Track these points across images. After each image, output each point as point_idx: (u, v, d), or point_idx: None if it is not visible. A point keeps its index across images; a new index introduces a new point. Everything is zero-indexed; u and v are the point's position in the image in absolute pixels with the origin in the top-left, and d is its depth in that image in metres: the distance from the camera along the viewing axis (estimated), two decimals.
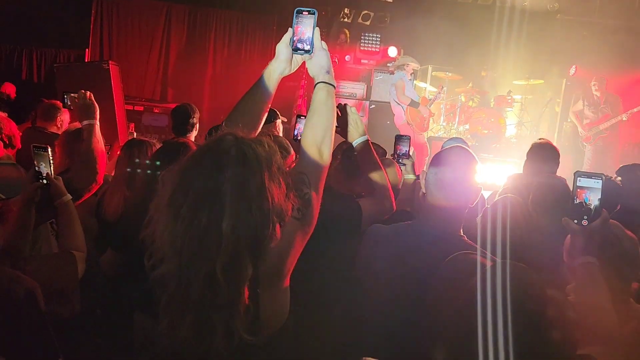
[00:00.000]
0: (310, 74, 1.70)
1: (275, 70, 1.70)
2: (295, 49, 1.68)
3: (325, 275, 2.12)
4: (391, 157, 3.01)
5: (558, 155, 3.44)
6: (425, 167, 3.12)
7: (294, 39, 1.68)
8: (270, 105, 1.73)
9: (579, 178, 1.52)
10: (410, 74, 7.91)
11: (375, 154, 2.28)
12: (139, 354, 2.09)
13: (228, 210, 1.28)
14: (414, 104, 7.52)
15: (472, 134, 8.33)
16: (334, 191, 2.76)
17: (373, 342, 1.87)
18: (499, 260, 1.34)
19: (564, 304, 1.35)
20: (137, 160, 2.58)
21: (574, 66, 8.76)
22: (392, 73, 8.46)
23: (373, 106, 8.51)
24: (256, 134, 1.67)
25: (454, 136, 6.98)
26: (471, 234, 2.00)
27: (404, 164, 2.90)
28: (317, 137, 1.57)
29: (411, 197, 2.82)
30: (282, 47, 1.69)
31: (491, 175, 6.53)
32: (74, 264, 2.16)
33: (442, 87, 8.52)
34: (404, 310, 1.70)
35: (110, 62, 6.50)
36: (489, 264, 1.31)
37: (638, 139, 8.41)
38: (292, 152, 2.68)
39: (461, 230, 1.85)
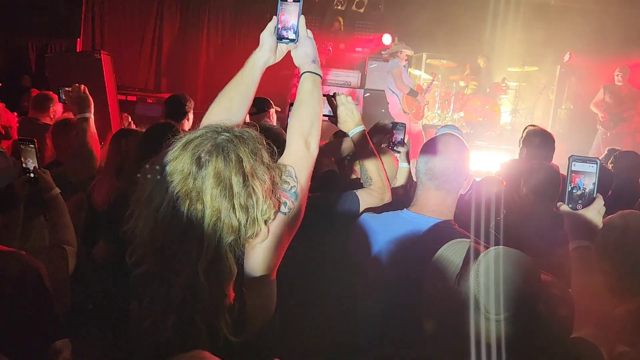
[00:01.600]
0: (296, 64, 1.66)
1: (260, 59, 1.63)
2: (280, 38, 1.64)
3: (321, 267, 2.11)
4: (386, 145, 2.99)
5: (553, 141, 3.44)
6: None
7: (279, 27, 1.64)
8: (254, 95, 1.67)
9: (574, 162, 1.50)
10: (405, 61, 7.86)
11: (371, 144, 2.25)
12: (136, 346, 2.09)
13: (210, 208, 1.25)
14: (412, 92, 7.49)
15: (466, 122, 8.32)
16: (333, 178, 2.76)
17: (367, 330, 1.88)
18: (493, 246, 1.33)
19: (559, 288, 1.35)
20: (126, 149, 2.55)
21: (568, 53, 8.75)
22: (386, 61, 8.41)
23: (367, 94, 8.46)
24: (241, 125, 1.63)
25: (448, 124, 6.98)
26: (464, 222, 2.00)
27: (399, 152, 2.88)
28: (304, 128, 1.53)
29: (405, 185, 2.81)
30: (266, 36, 1.64)
31: (486, 163, 6.53)
32: (64, 259, 2.15)
33: (436, 76, 8.49)
34: (396, 300, 1.70)
35: (102, 51, 6.41)
36: (483, 250, 1.30)
37: None
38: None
39: (453, 218, 1.85)
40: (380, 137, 3.07)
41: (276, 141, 1.55)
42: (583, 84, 8.70)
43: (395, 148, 2.89)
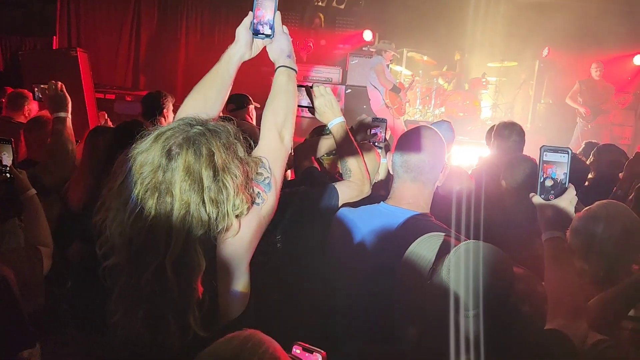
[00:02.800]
0: (271, 58, 1.67)
1: (235, 54, 1.64)
2: (256, 33, 1.65)
3: (301, 261, 2.10)
4: (368, 141, 2.98)
5: (523, 133, 3.49)
6: None
7: (254, 22, 1.64)
8: (229, 91, 1.67)
9: (545, 153, 1.50)
10: (389, 61, 7.87)
11: (351, 136, 2.24)
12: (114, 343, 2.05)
13: (178, 201, 1.24)
14: (395, 89, 7.50)
15: (447, 117, 8.36)
16: (314, 174, 2.74)
17: (346, 323, 1.87)
18: (466, 240, 1.33)
19: (532, 281, 1.35)
20: (102, 148, 2.50)
21: (547, 48, 8.85)
22: (369, 56, 8.42)
23: (349, 91, 8.46)
24: (216, 119, 1.62)
25: (442, 119, 7.02)
26: (442, 215, 2.00)
27: (380, 147, 2.87)
28: (278, 121, 1.54)
29: (385, 179, 2.81)
30: (242, 31, 1.64)
31: (467, 158, 6.59)
32: (39, 259, 2.12)
33: (415, 75, 8.52)
34: (374, 293, 1.69)
35: (78, 49, 6.32)
36: (456, 243, 1.30)
37: (629, 122, 8.60)
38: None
39: (429, 211, 1.85)
40: (364, 134, 3.07)
41: (249, 138, 1.55)
42: (561, 78, 8.81)
43: (377, 143, 2.88)
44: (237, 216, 1.31)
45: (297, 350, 1.23)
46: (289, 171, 3.68)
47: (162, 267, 1.23)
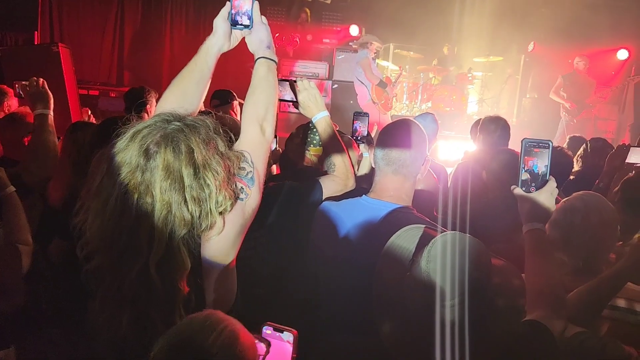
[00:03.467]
0: (250, 50, 1.64)
1: (213, 46, 1.61)
2: (234, 24, 1.62)
3: (284, 256, 2.09)
4: (349, 136, 2.97)
5: (508, 127, 3.51)
6: None
7: (232, 12, 1.62)
8: (209, 83, 1.64)
9: (526, 145, 1.50)
10: (374, 53, 7.85)
11: (335, 130, 2.24)
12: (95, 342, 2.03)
13: (159, 201, 1.21)
14: (382, 84, 7.50)
15: (434, 112, 8.38)
16: (296, 168, 2.73)
17: (329, 317, 1.87)
18: (445, 232, 1.33)
19: (510, 272, 1.35)
20: (82, 143, 2.46)
21: (532, 42, 8.91)
22: (355, 52, 8.40)
23: (336, 86, 8.44)
24: (196, 113, 1.60)
25: (425, 112, 7.03)
26: (424, 207, 2.00)
27: (362, 142, 2.86)
28: (259, 114, 1.51)
29: (369, 173, 2.80)
30: (220, 22, 1.62)
31: (453, 152, 6.62)
32: (18, 258, 2.09)
33: (402, 69, 8.52)
34: (357, 287, 1.69)
35: (60, 44, 6.20)
36: (436, 235, 1.30)
37: (613, 116, 8.70)
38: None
39: (411, 203, 1.85)
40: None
41: (229, 132, 1.53)
42: (547, 73, 8.87)
43: (359, 138, 2.87)
44: (220, 213, 1.29)
45: (267, 330, 1.24)
46: (274, 166, 3.67)
47: (146, 268, 1.21)
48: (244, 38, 1.69)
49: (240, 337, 1.09)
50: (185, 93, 1.58)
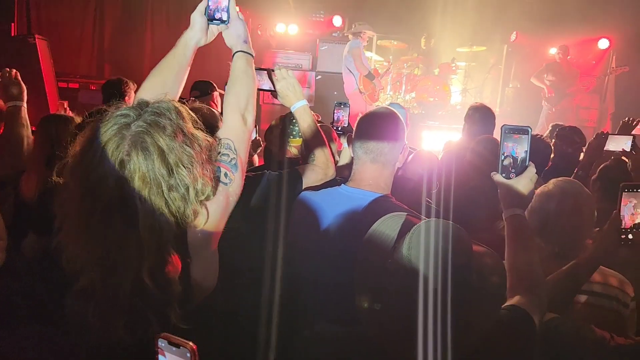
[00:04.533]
0: (228, 44, 1.68)
1: (191, 40, 1.65)
2: (211, 19, 1.65)
3: (264, 245, 2.08)
4: (330, 125, 2.95)
5: (493, 116, 3.52)
6: None
7: (210, 8, 1.64)
8: (187, 74, 1.67)
9: (505, 132, 1.50)
10: (366, 42, 7.81)
11: (315, 119, 2.22)
12: (75, 339, 2.00)
13: (142, 211, 1.19)
14: (370, 75, 7.49)
15: (418, 102, 8.41)
16: (278, 159, 2.72)
17: (312, 303, 1.87)
18: (426, 218, 1.33)
19: (492, 258, 1.35)
20: (56, 136, 2.41)
21: (514, 32, 8.95)
22: (341, 42, 8.38)
23: (319, 77, 8.41)
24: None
25: (392, 102, 7.04)
26: (404, 196, 2.00)
27: (342, 132, 2.85)
28: (240, 105, 1.55)
29: (349, 163, 2.79)
30: (197, 17, 1.65)
31: (437, 142, 6.64)
32: None
33: (390, 64, 8.50)
34: (339, 274, 1.68)
35: (36, 35, 6.09)
36: (416, 222, 1.29)
37: (594, 105, 8.79)
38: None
39: (390, 192, 1.84)
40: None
41: (206, 122, 1.53)
42: (529, 62, 8.93)
43: (339, 128, 2.85)
44: (202, 202, 1.30)
45: (162, 344, 1.15)
46: (255, 156, 3.65)
47: (140, 279, 1.19)
48: (220, 32, 1.72)
49: None
50: (164, 85, 1.61)
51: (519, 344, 1.33)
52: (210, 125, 1.55)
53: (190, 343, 1.09)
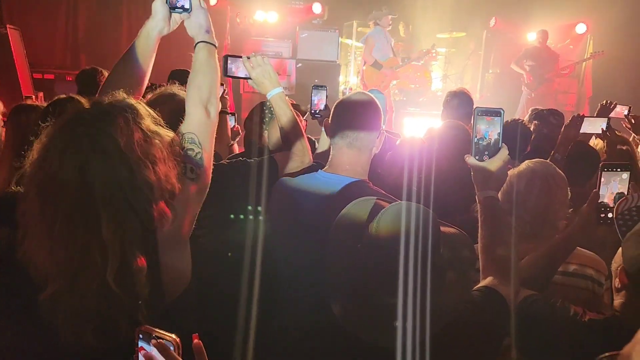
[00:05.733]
0: (190, 34, 1.65)
1: (153, 29, 1.64)
2: (173, 8, 1.63)
3: (241, 233, 2.07)
4: (308, 109, 2.94)
5: (471, 101, 3.53)
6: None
7: None
8: (152, 63, 1.66)
9: (478, 114, 1.49)
10: (389, 25, 7.77)
11: (291, 106, 2.21)
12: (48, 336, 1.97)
13: (104, 216, 1.17)
14: (376, 65, 7.49)
15: (399, 89, 8.43)
16: (257, 147, 2.70)
17: (290, 289, 1.87)
18: (395, 202, 1.33)
19: (461, 242, 1.37)
20: (26, 126, 2.35)
21: (493, 18, 8.99)
22: (320, 30, 8.37)
23: (300, 65, 8.35)
24: (139, 99, 1.57)
25: (373, 89, 7.04)
26: (383, 181, 2.00)
27: (319, 116, 2.83)
28: (203, 97, 1.53)
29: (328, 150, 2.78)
30: (158, 5, 1.63)
31: (419, 128, 6.66)
32: None
33: (434, 47, 8.35)
34: (313, 260, 1.68)
35: (8, 25, 5.94)
36: (385, 205, 1.29)
37: (572, 90, 8.88)
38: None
39: (367, 177, 1.84)
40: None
41: (182, 109, 1.52)
42: (508, 48, 8.99)
43: (317, 111, 2.83)
44: (167, 200, 1.27)
45: (143, 337, 1.16)
46: (235, 145, 3.62)
47: (105, 284, 1.17)
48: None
49: None
50: (129, 76, 1.61)
51: (492, 323, 1.34)
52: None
53: (173, 335, 1.10)
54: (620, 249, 1.47)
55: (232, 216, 2.05)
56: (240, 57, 2.26)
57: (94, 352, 1.20)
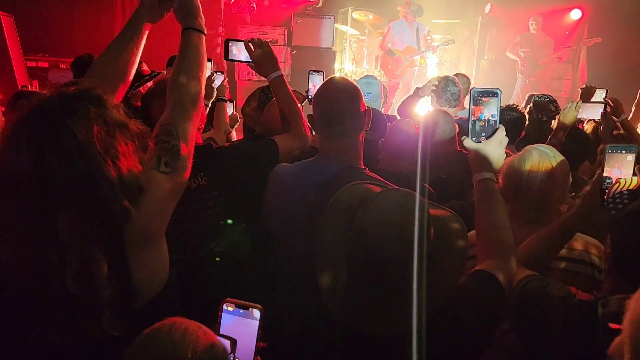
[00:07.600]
0: (178, 21, 1.63)
1: (142, 17, 1.62)
2: None
3: (242, 215, 2.09)
4: (305, 94, 2.96)
5: (457, 87, 3.58)
6: None
7: None
8: (141, 51, 1.63)
9: (475, 95, 1.49)
10: (401, 17, 7.75)
11: (289, 88, 2.23)
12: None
13: (61, 212, 1.11)
14: (390, 52, 7.53)
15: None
16: (255, 132, 2.71)
17: (286, 276, 1.90)
18: (386, 187, 1.34)
19: (456, 222, 1.37)
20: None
21: (489, 4, 8.95)
22: (315, 17, 8.32)
23: (295, 52, 8.32)
24: (126, 88, 1.59)
25: (366, 74, 7.05)
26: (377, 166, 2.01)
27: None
28: (186, 86, 1.49)
29: None
30: None
31: (414, 115, 6.67)
32: None
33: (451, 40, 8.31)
34: (308, 246, 1.70)
35: (1, 12, 5.88)
36: (377, 190, 1.30)
37: (567, 76, 8.89)
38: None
39: (362, 162, 1.85)
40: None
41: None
42: (503, 34, 8.97)
43: (311, 97, 2.84)
44: (132, 195, 1.20)
45: (228, 307, 1.19)
46: (233, 132, 3.62)
47: (64, 286, 1.11)
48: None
49: (215, 340, 1.03)
50: (116, 65, 1.58)
51: (486, 307, 1.33)
52: None
53: (258, 305, 1.15)
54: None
55: (233, 198, 2.05)
56: (242, 41, 2.27)
57: (63, 352, 1.16)
